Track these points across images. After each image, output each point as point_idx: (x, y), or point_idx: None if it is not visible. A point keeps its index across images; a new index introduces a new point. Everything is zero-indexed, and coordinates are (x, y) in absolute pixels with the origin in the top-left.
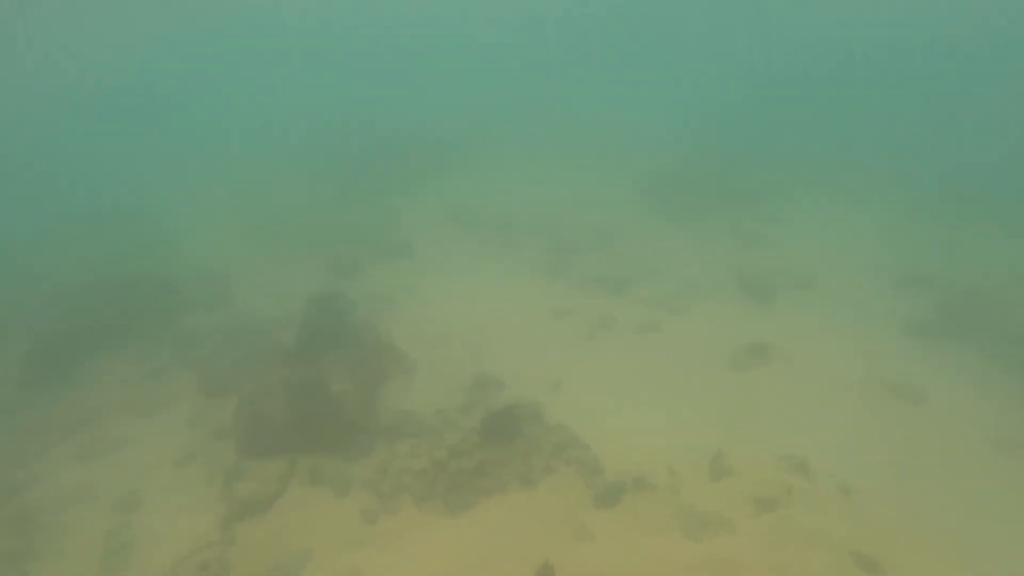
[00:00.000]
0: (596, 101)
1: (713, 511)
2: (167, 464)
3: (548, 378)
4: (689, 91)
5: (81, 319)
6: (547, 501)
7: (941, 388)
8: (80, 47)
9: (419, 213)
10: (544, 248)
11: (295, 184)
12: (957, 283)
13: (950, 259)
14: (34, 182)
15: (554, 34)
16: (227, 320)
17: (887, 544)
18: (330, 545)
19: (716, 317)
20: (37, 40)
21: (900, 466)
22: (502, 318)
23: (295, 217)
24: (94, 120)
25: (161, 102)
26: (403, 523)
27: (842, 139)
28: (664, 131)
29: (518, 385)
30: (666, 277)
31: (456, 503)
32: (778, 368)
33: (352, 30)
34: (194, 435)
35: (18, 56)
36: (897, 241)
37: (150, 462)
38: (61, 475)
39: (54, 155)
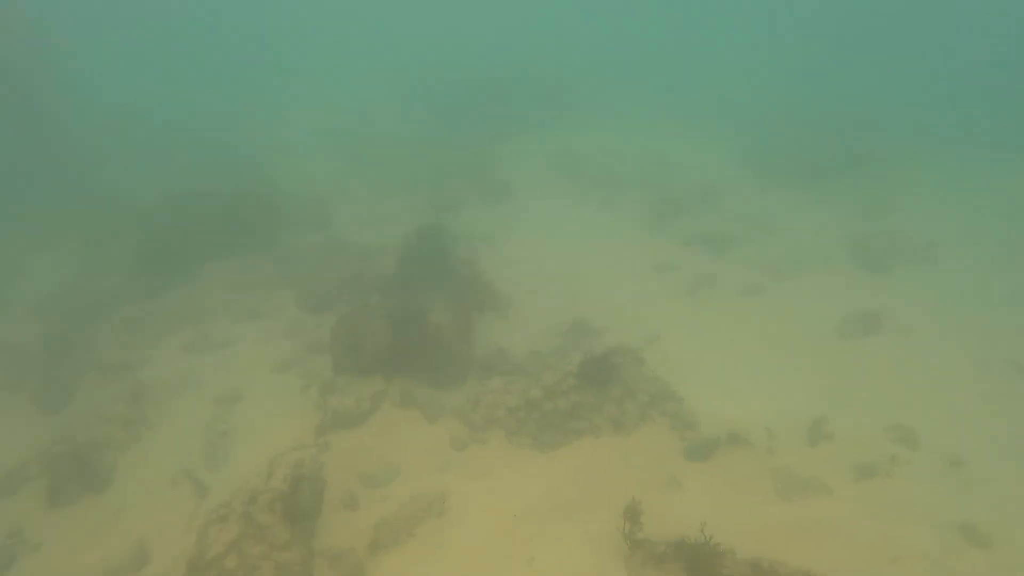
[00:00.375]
0: (705, 55)
1: (809, 474)
2: (266, 369)
3: (646, 330)
4: (801, 45)
5: (191, 225)
6: (638, 448)
7: None
8: None
9: (522, 157)
10: (647, 202)
11: (400, 120)
12: None
13: None
14: (154, 102)
15: None
16: (327, 243)
17: (1002, 519)
18: (419, 464)
19: (825, 284)
20: None
21: (1020, 442)
22: (601, 267)
23: (398, 152)
24: (214, 49)
25: (274, 35)
26: (492, 454)
27: (976, 100)
28: (777, 89)
29: (615, 335)
30: (773, 240)
31: (546, 441)
32: (890, 340)
33: None
34: (292, 346)
35: None
36: None
37: (250, 364)
38: (170, 362)
39: (172, 80)
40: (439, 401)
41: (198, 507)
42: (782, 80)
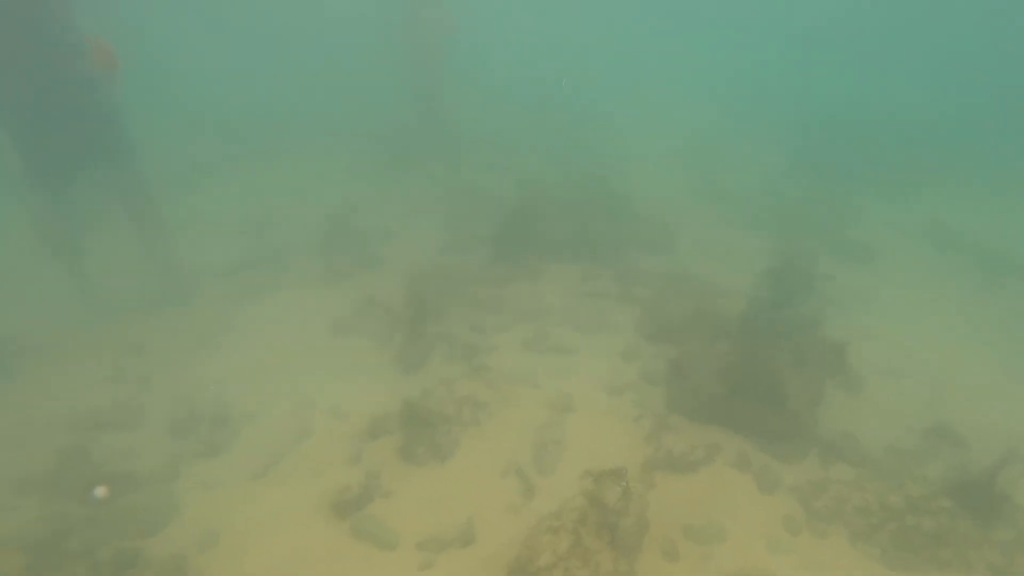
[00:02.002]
0: None
1: None
2: (600, 387)
3: None
4: None
5: (541, 223)
6: None
7: None
8: None
9: (886, 218)
10: None
11: (752, 154)
12: None
13: None
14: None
15: None
16: (669, 269)
17: None
18: (746, 535)
19: None
20: None
21: None
22: (975, 365)
23: (747, 187)
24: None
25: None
26: (830, 552)
27: None
28: None
29: (989, 454)
30: None
31: (899, 560)
32: None
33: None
34: (627, 370)
35: None
36: None
37: (585, 378)
38: (511, 354)
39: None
40: (776, 472)
41: (522, 505)
42: None
